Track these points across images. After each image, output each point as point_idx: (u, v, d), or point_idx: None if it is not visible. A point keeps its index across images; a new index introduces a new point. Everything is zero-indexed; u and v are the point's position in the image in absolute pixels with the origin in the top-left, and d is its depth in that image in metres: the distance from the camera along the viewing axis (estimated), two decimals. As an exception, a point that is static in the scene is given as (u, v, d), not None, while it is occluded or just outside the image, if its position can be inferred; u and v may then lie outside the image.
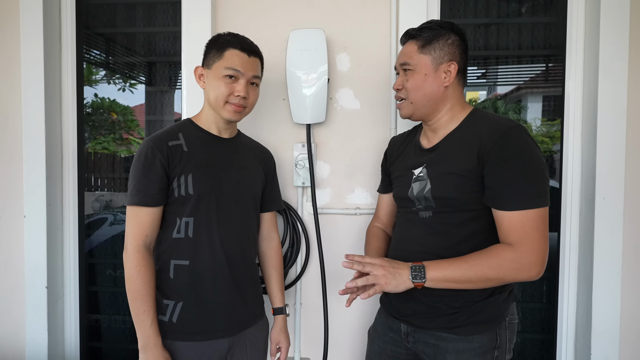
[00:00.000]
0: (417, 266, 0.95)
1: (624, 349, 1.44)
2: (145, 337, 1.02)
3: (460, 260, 0.94)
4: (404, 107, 1.09)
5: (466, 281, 0.93)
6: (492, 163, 0.93)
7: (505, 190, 0.91)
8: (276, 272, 1.31)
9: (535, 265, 0.91)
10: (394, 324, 1.13)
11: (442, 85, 1.04)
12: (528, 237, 0.90)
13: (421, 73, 1.04)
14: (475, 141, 0.97)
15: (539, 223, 0.91)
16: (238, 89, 1.10)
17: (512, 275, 0.91)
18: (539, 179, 0.91)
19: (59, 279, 1.65)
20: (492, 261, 0.91)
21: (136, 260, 1.03)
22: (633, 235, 1.42)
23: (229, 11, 1.52)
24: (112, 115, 1.75)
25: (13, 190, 1.58)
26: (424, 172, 1.05)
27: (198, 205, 1.08)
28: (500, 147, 0.92)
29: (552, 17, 1.55)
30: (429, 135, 1.11)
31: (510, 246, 0.91)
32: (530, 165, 0.91)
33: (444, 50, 1.03)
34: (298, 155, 1.49)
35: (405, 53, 1.07)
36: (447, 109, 1.06)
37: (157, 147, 1.06)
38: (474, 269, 0.92)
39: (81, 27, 1.67)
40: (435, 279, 0.94)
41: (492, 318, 1.01)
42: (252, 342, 1.17)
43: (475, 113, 1.05)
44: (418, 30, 1.05)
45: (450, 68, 1.03)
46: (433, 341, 1.04)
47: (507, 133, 0.93)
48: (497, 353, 1.01)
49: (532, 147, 0.92)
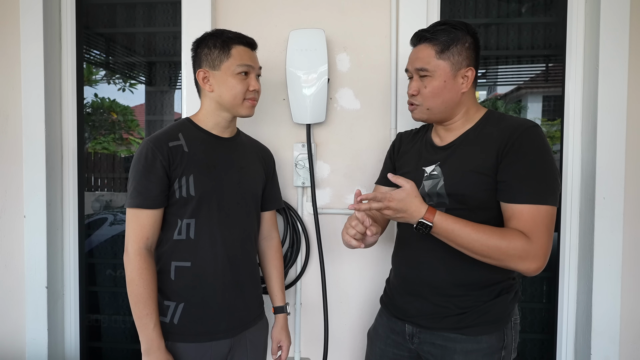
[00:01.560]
0: (424, 223, 0.93)
1: (624, 349, 1.44)
2: (148, 340, 1.02)
3: (472, 226, 0.92)
4: (420, 112, 1.06)
5: (466, 249, 0.92)
6: (509, 158, 0.93)
7: (519, 184, 0.92)
8: (276, 271, 1.30)
9: (539, 259, 0.90)
10: (397, 325, 1.11)
11: (460, 92, 1.02)
12: (539, 230, 0.90)
13: (440, 80, 1.00)
14: (494, 139, 0.97)
15: (547, 221, 0.91)
16: (253, 84, 1.11)
17: (514, 262, 0.90)
18: (552, 178, 0.93)
19: (59, 278, 1.65)
20: (502, 242, 0.90)
21: (138, 263, 1.02)
22: (633, 235, 1.42)
23: (229, 11, 1.52)
24: (112, 115, 1.75)
25: (13, 190, 1.58)
26: (437, 170, 1.04)
27: (200, 207, 1.07)
28: (519, 144, 0.93)
29: (552, 17, 1.55)
30: (442, 133, 1.09)
31: (524, 234, 0.90)
32: (545, 163, 0.92)
33: (462, 55, 1.00)
34: (298, 155, 1.49)
35: (421, 57, 1.02)
36: (462, 113, 1.05)
37: (158, 148, 1.04)
38: (482, 240, 0.90)
39: (81, 27, 1.66)
40: (438, 235, 0.93)
41: (500, 318, 1.01)
42: (253, 342, 1.17)
43: (491, 114, 1.05)
44: (433, 33, 1.01)
45: (467, 73, 1.01)
46: (440, 342, 1.03)
47: (528, 131, 0.94)
48: (504, 353, 1.01)
49: (548, 148, 0.94)
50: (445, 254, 1.00)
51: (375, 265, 1.52)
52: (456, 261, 1.00)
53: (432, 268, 1.04)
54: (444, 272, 1.02)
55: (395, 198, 0.92)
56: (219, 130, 1.16)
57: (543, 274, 1.61)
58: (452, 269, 1.01)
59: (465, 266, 0.99)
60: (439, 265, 1.03)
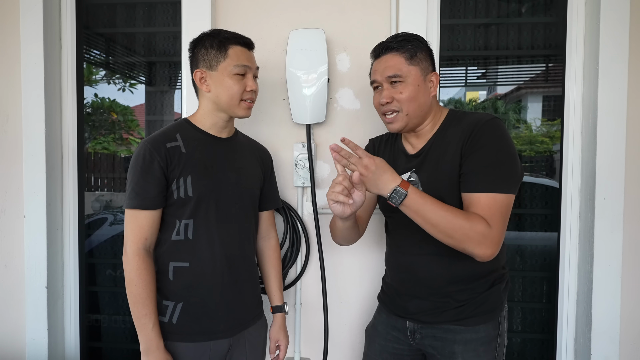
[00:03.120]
0: (399, 191, 0.91)
1: (624, 349, 1.44)
2: (147, 340, 1.02)
3: (440, 204, 0.93)
4: (398, 119, 1.06)
5: (432, 225, 0.92)
6: (469, 151, 0.98)
7: (476, 174, 0.96)
8: (275, 270, 1.31)
9: (495, 245, 0.92)
10: (397, 322, 1.14)
11: (430, 95, 1.07)
12: (495, 218, 0.92)
13: (414, 84, 1.03)
14: (458, 138, 1.01)
15: (504, 209, 0.94)
16: (250, 84, 1.11)
17: (472, 244, 0.91)
18: (509, 167, 0.95)
19: (59, 279, 1.65)
20: (466, 223, 0.91)
21: (136, 263, 1.02)
22: (633, 235, 1.42)
23: (229, 11, 1.52)
24: (112, 115, 1.76)
25: (13, 190, 1.58)
26: (413, 176, 1.07)
27: (198, 207, 1.08)
28: (478, 137, 0.97)
29: (552, 17, 1.55)
30: (412, 140, 1.12)
31: (484, 220, 0.92)
32: (502, 153, 0.95)
33: (427, 61, 1.06)
34: (298, 155, 1.49)
35: (392, 65, 1.04)
36: (431, 116, 1.09)
37: (155, 149, 1.04)
38: (448, 218, 0.91)
39: (81, 27, 1.67)
40: (408, 207, 0.92)
41: (494, 307, 1.06)
42: (252, 342, 1.17)
43: (452, 113, 1.09)
44: (397, 43, 1.05)
45: (432, 78, 1.07)
46: (441, 334, 1.06)
47: (486, 124, 0.98)
48: (499, 340, 1.06)
49: (506, 138, 0.97)
50: (436, 253, 1.03)
51: (375, 265, 1.52)
52: (449, 259, 1.03)
53: (426, 270, 1.07)
54: (438, 272, 1.05)
55: (376, 160, 0.92)
56: (217, 130, 1.16)
57: (543, 274, 1.61)
58: (446, 267, 1.04)
59: (458, 262, 1.02)
60: (432, 266, 1.06)
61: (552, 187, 1.59)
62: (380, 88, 1.08)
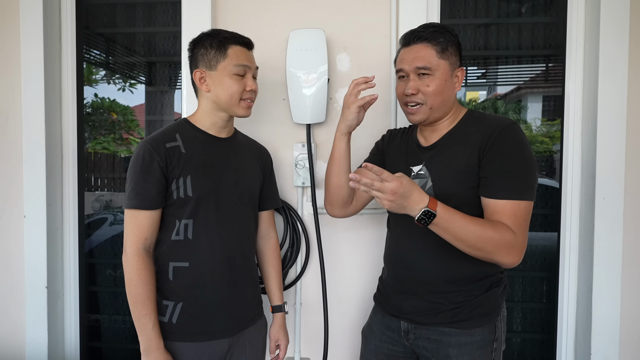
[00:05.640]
0: (428, 212, 0.88)
1: (624, 349, 1.44)
2: (147, 340, 1.02)
3: (468, 217, 0.92)
4: (421, 112, 1.04)
5: (461, 241, 0.92)
6: (489, 155, 0.97)
7: (500, 180, 0.95)
8: (274, 270, 1.31)
9: (521, 251, 0.94)
10: (392, 322, 1.13)
11: (455, 91, 1.07)
12: (520, 226, 0.94)
13: (442, 78, 1.03)
14: (476, 138, 1.00)
15: (527, 215, 0.95)
16: (249, 84, 1.11)
17: (501, 254, 0.92)
18: (530, 174, 0.96)
19: (59, 279, 1.65)
20: (495, 233, 0.91)
21: (136, 263, 1.02)
22: (633, 235, 1.42)
23: (229, 11, 1.52)
24: (112, 115, 1.76)
25: (13, 190, 1.58)
26: (424, 169, 1.07)
27: (197, 207, 1.08)
28: (499, 142, 0.97)
29: (552, 17, 1.55)
30: (427, 134, 1.12)
31: (510, 228, 0.93)
32: (523, 160, 0.96)
33: (456, 56, 1.05)
34: (298, 155, 1.49)
35: (422, 57, 1.02)
36: (452, 112, 1.09)
37: (155, 149, 1.04)
38: (478, 232, 0.91)
39: (81, 27, 1.67)
40: (437, 226, 0.90)
41: (491, 311, 1.04)
42: (251, 342, 1.17)
43: (472, 113, 1.09)
44: (429, 34, 1.03)
45: (459, 74, 1.06)
46: (435, 336, 1.05)
47: (507, 129, 0.98)
48: (495, 345, 1.04)
49: (526, 144, 0.98)
50: (436, 251, 1.03)
51: (375, 265, 1.52)
52: (447, 257, 1.02)
53: (424, 266, 1.06)
54: (436, 269, 1.05)
55: (402, 181, 0.86)
56: (216, 130, 1.16)
57: (543, 274, 1.61)
58: (444, 266, 1.04)
59: (456, 262, 1.02)
60: (430, 263, 1.05)
61: (552, 187, 1.59)
62: (406, 78, 1.06)
